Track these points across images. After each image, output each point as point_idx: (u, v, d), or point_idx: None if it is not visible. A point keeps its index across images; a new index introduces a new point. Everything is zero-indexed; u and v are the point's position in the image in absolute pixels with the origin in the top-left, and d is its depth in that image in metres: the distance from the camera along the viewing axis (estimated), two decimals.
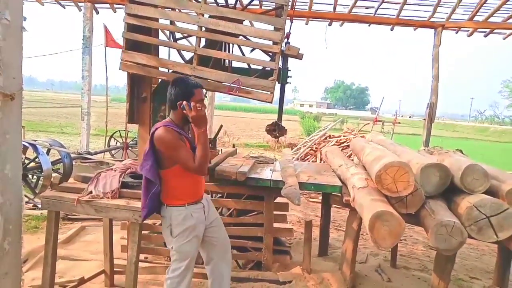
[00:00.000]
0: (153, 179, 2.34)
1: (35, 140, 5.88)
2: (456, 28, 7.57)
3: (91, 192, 2.49)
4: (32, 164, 5.42)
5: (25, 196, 5.36)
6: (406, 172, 2.56)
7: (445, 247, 2.46)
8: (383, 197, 2.69)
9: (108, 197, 2.47)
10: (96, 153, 7.07)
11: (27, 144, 5.08)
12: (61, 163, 5.52)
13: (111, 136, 8.38)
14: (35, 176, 5.41)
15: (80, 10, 8.05)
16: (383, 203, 2.56)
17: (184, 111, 2.30)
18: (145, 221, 2.63)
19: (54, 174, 5.40)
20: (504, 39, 8.01)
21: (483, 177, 2.64)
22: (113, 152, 8.18)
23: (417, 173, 2.73)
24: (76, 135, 14.73)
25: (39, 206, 5.10)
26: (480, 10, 7.03)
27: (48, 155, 5.49)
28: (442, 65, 7.37)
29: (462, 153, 3.69)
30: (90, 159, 6.07)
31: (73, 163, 5.70)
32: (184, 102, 2.29)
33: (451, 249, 2.47)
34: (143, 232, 3.20)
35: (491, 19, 7.26)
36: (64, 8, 8.54)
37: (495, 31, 7.69)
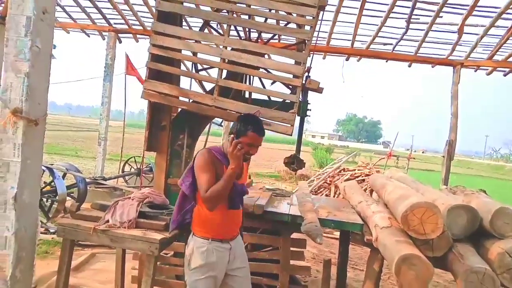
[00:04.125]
0: (191, 196, 2.35)
1: (51, 164, 5.92)
2: (475, 67, 7.56)
3: (107, 221, 2.43)
4: (47, 188, 5.42)
5: None
6: (434, 214, 2.45)
7: None
8: (408, 238, 2.57)
9: (125, 227, 2.41)
10: (110, 178, 7.08)
11: (44, 168, 5.10)
12: (76, 188, 5.51)
13: (126, 162, 8.41)
14: (49, 200, 5.40)
15: (103, 39, 8.32)
16: (409, 245, 2.44)
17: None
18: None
19: (68, 199, 5.39)
20: None
21: None
22: (126, 178, 8.18)
23: (443, 214, 2.61)
24: (90, 159, 14.88)
25: (51, 230, 5.05)
26: (500, 50, 7.02)
27: (64, 179, 5.50)
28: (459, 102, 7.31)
29: (486, 193, 3.55)
30: (105, 184, 6.06)
31: (88, 188, 5.69)
32: (231, 136, 2.28)
33: None
34: None
35: (510, 59, 7.23)
36: (89, 36, 8.84)
37: None
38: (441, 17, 6.38)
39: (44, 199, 5.36)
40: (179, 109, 3.91)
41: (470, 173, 35.46)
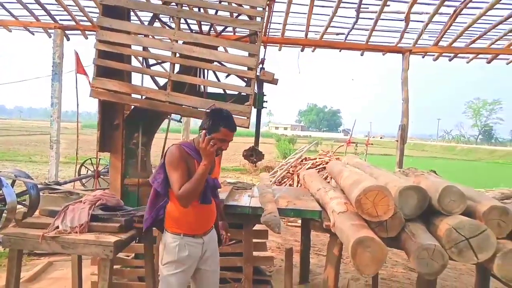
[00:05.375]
0: (163, 193, 2.32)
1: None
2: (423, 53, 7.90)
3: (57, 227, 2.32)
4: None
5: None
6: (385, 196, 2.54)
7: (427, 271, 2.43)
8: (364, 221, 2.65)
9: (76, 232, 2.31)
10: (65, 182, 6.77)
11: None
12: (27, 195, 5.22)
13: (82, 164, 8.07)
14: None
15: (50, 36, 7.88)
16: (364, 228, 2.52)
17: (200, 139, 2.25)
18: (117, 255, 2.48)
19: (19, 207, 5.09)
20: (467, 62, 8.42)
21: (460, 198, 2.65)
22: (83, 181, 7.85)
23: (395, 196, 2.72)
24: (45, 164, 14.14)
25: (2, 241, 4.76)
26: (445, 36, 7.38)
27: (13, 186, 5.19)
28: (410, 87, 7.61)
29: (436, 173, 3.74)
30: (59, 189, 5.79)
31: (41, 194, 5.40)
32: (203, 131, 2.22)
33: (433, 272, 2.44)
34: (114, 266, 3.01)
35: (454, 44, 7.63)
36: (33, 34, 8.35)
37: (459, 55, 8.08)
38: (389, 5, 6.60)
39: None
40: (132, 107, 3.79)
41: (425, 155, 37.32)
